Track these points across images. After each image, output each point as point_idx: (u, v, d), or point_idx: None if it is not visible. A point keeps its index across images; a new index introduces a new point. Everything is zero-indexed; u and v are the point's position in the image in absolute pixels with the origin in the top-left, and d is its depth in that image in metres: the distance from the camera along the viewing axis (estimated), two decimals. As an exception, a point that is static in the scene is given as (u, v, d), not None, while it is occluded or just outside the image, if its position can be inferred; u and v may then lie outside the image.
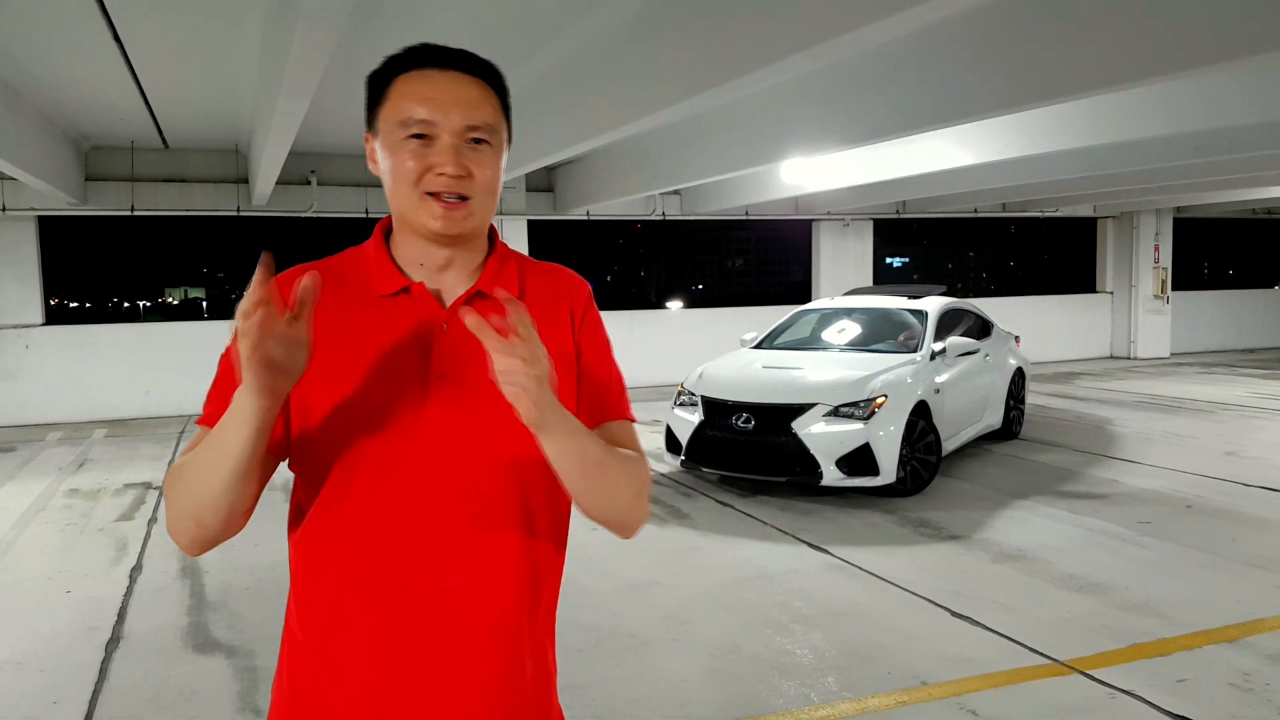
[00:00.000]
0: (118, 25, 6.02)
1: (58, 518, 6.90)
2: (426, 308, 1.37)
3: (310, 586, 1.37)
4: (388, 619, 1.32)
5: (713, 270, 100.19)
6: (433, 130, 1.32)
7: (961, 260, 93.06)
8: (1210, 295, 19.73)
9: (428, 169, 1.32)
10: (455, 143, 1.32)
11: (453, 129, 1.32)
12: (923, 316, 8.27)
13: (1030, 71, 5.19)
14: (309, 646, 1.36)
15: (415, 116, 1.32)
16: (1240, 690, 3.77)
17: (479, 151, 1.34)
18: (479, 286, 1.40)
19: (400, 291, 1.38)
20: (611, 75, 6.19)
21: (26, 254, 11.65)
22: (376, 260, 1.41)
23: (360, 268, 1.42)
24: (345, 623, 1.33)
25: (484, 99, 1.36)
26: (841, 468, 6.70)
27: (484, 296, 1.39)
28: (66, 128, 10.07)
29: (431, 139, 1.32)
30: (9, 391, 11.50)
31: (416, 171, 1.32)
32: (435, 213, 1.33)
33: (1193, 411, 10.96)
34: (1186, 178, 11.36)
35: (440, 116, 1.32)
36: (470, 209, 1.35)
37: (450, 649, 1.33)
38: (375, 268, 1.40)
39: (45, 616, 4.85)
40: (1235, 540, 5.82)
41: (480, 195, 1.36)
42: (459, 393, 1.34)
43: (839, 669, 4.06)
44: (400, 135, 1.33)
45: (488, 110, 1.36)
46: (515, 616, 1.38)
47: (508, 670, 1.38)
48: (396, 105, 1.33)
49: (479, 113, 1.34)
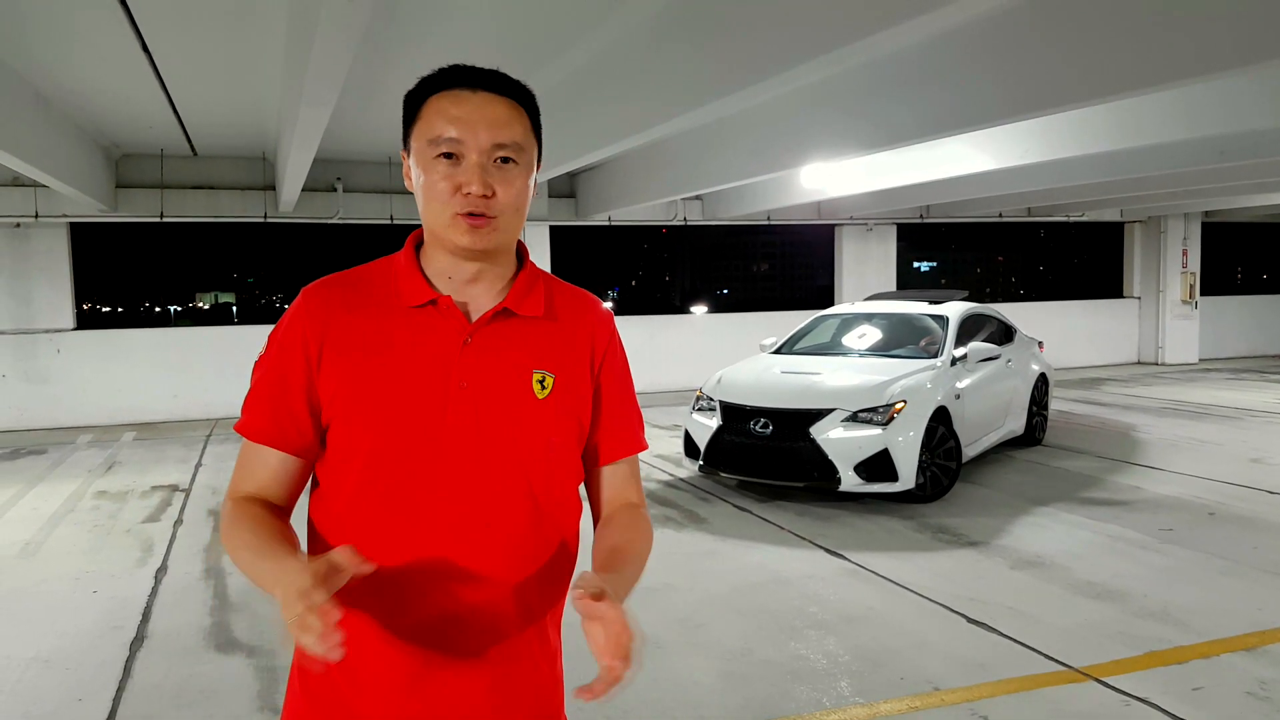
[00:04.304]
0: (146, 36, 6.14)
1: (86, 519, 7.03)
2: (453, 321, 1.42)
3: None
4: (403, 617, 1.37)
5: (737, 275, 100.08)
6: (461, 149, 1.36)
7: (989, 265, 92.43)
8: (1239, 300, 19.50)
9: (456, 188, 1.37)
10: (482, 161, 1.37)
11: (480, 148, 1.36)
12: (944, 322, 8.24)
13: (1048, 76, 5.18)
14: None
15: (445, 135, 1.36)
16: (1256, 699, 3.74)
17: (505, 170, 1.39)
18: (506, 304, 1.45)
19: (428, 304, 1.43)
20: (631, 81, 6.24)
21: (58, 259, 11.86)
22: (407, 272, 1.45)
23: (391, 278, 1.46)
24: (361, 621, 1.37)
25: (512, 118, 1.40)
26: (860, 473, 6.70)
27: (510, 314, 1.45)
28: (97, 136, 10.25)
29: (460, 158, 1.37)
30: (41, 394, 11.71)
31: (448, 190, 1.37)
32: (463, 230, 1.38)
33: (1219, 418, 10.84)
34: (1213, 182, 11.23)
35: (468, 135, 1.36)
36: (496, 225, 1.39)
37: (462, 648, 1.39)
38: (405, 279, 1.45)
39: (72, 615, 4.94)
40: (1257, 548, 5.76)
41: (506, 213, 1.40)
42: (478, 404, 1.39)
43: (852, 674, 4.06)
44: (431, 154, 1.38)
45: (516, 129, 1.40)
46: (526, 615, 1.44)
47: (518, 666, 1.44)
48: (428, 124, 1.38)
49: (507, 132, 1.38)
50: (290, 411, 1.40)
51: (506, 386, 1.41)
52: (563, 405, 1.45)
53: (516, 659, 1.43)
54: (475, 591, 1.38)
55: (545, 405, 1.42)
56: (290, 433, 1.40)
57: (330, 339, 1.40)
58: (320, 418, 1.40)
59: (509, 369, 1.42)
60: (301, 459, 1.43)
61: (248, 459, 1.45)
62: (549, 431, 1.43)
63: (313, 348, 1.40)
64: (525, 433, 1.41)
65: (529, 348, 1.44)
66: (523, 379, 1.42)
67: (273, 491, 1.43)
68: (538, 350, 1.45)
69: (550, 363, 1.45)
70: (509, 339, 1.43)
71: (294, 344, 1.41)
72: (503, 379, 1.41)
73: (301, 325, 1.41)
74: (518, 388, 1.41)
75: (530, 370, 1.43)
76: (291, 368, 1.41)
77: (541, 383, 1.43)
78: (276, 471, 1.42)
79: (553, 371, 1.44)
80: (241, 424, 1.44)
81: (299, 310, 1.44)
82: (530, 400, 1.42)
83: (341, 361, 1.39)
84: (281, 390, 1.41)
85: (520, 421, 1.40)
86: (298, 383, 1.40)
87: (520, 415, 1.41)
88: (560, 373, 1.45)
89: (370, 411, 1.37)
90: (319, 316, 1.42)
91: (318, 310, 1.43)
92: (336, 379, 1.39)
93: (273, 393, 1.41)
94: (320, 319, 1.41)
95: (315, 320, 1.41)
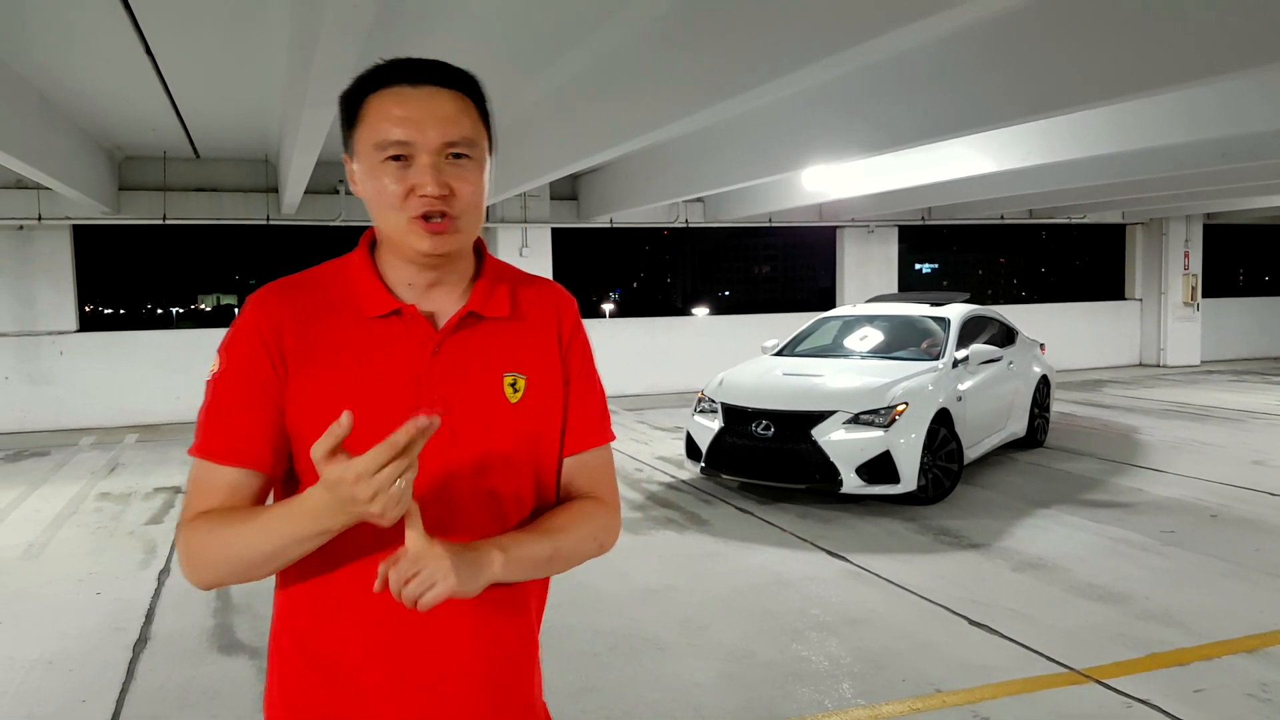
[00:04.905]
0: (149, 38, 6.15)
1: (89, 521, 7.04)
2: (419, 331, 1.36)
3: (298, 602, 1.37)
4: (375, 632, 1.33)
5: (739, 277, 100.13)
6: (410, 150, 1.29)
7: (991, 266, 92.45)
8: (1241, 302, 19.49)
9: (409, 191, 1.30)
10: (434, 161, 1.30)
11: (430, 147, 1.29)
12: (945, 324, 8.25)
13: (1051, 79, 5.18)
14: (299, 656, 1.38)
15: (391, 138, 1.29)
16: (1258, 701, 3.74)
17: (460, 167, 1.32)
18: (471, 308, 1.39)
19: (392, 314, 1.36)
20: (635, 83, 6.23)
21: (61, 262, 11.88)
22: (365, 279, 1.38)
23: (348, 285, 1.39)
24: (334, 635, 1.34)
25: (461, 112, 1.33)
26: (861, 475, 6.70)
27: (477, 317, 1.39)
28: (100, 138, 10.27)
29: (410, 159, 1.30)
30: (44, 396, 11.73)
31: (399, 195, 1.30)
32: (421, 235, 1.31)
33: (1221, 420, 10.83)
34: (1215, 184, 11.23)
35: (417, 135, 1.29)
36: (457, 227, 1.33)
37: (436, 664, 1.34)
38: (364, 287, 1.38)
39: (75, 617, 4.96)
40: (1259, 550, 5.76)
41: (465, 212, 1.34)
42: (451, 415, 1.32)
43: (854, 676, 4.07)
44: (379, 158, 1.30)
45: (465, 124, 1.33)
46: (502, 629, 1.39)
47: (493, 680, 1.39)
48: (372, 127, 1.31)
49: (456, 127, 1.31)
50: (261, 426, 1.31)
51: (479, 394, 1.36)
52: (536, 406, 1.40)
53: (495, 667, 1.38)
54: (458, 607, 1.31)
55: (519, 409, 1.38)
56: (262, 449, 1.31)
57: (291, 349, 1.32)
58: (286, 433, 1.33)
59: (480, 375, 1.37)
60: (270, 476, 1.33)
61: (206, 483, 1.32)
62: (525, 435, 1.38)
63: (276, 356, 1.32)
64: (501, 439, 1.36)
65: (498, 351, 1.39)
66: (494, 384, 1.37)
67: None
68: (507, 352, 1.40)
69: (520, 364, 1.40)
70: (477, 344, 1.38)
71: (256, 354, 1.32)
72: (474, 386, 1.36)
73: (262, 334, 1.32)
74: (490, 394, 1.36)
75: (501, 374, 1.38)
76: (257, 379, 1.31)
77: (513, 385, 1.38)
78: (242, 492, 1.31)
79: (524, 373, 1.40)
80: (201, 446, 1.32)
81: (255, 318, 1.34)
82: (504, 405, 1.37)
83: (304, 375, 1.32)
84: (248, 404, 1.31)
85: (495, 428, 1.36)
86: (268, 394, 1.31)
87: (494, 422, 1.36)
88: (531, 373, 1.40)
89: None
90: (277, 325, 1.33)
91: (275, 318, 1.34)
92: (302, 393, 1.31)
93: (238, 407, 1.31)
94: (278, 328, 1.33)
95: (274, 329, 1.33)
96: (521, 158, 8.76)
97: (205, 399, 1.34)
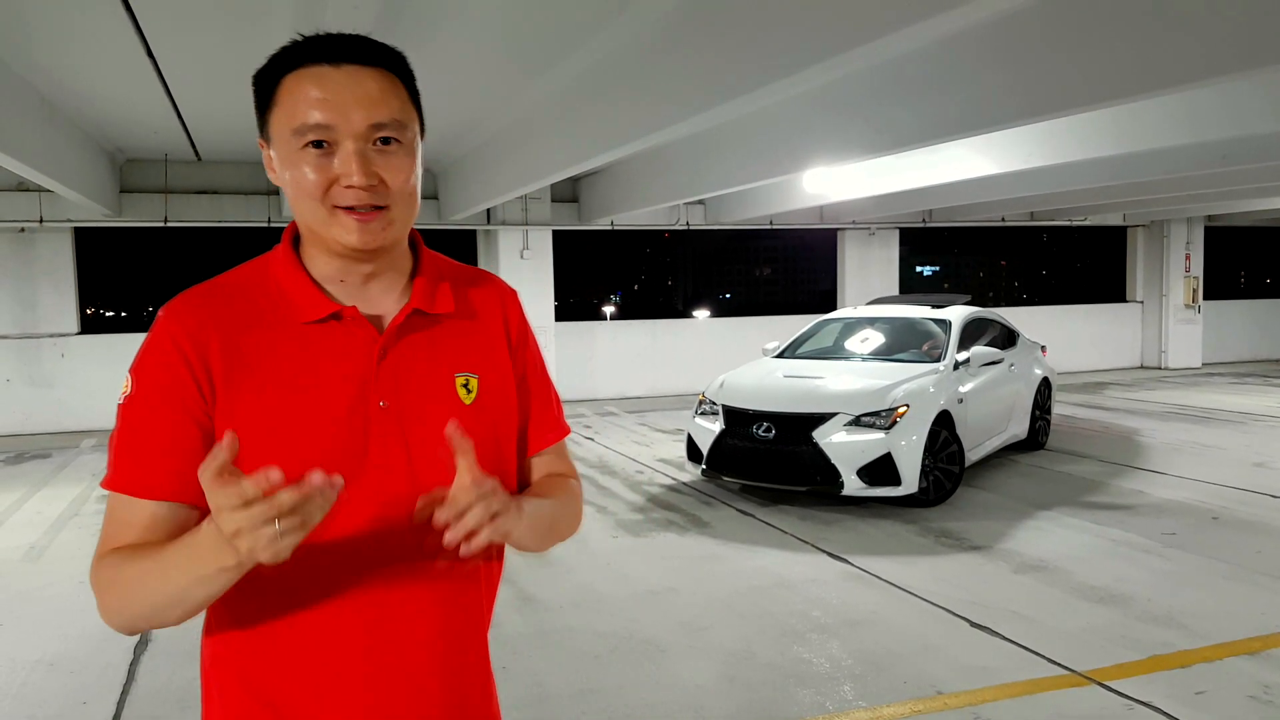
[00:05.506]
0: (150, 41, 6.16)
1: (90, 523, 7.04)
2: (361, 334, 1.25)
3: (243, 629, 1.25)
4: (328, 657, 1.23)
5: (740, 279, 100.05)
6: (332, 135, 1.17)
7: (993, 269, 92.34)
8: (1243, 304, 19.45)
9: (332, 181, 1.18)
10: (360, 147, 1.17)
11: (354, 132, 1.17)
12: (946, 326, 8.25)
13: (1052, 80, 5.18)
14: (244, 690, 1.26)
15: (309, 122, 1.16)
16: (1260, 703, 3.74)
17: (388, 154, 1.19)
18: (415, 305, 1.29)
19: (330, 317, 1.24)
20: (637, 84, 6.23)
21: (63, 264, 11.90)
22: (293, 281, 1.26)
23: (275, 288, 1.26)
24: (284, 667, 1.23)
25: (388, 91, 1.20)
26: (863, 477, 6.70)
27: (421, 315, 1.29)
28: (102, 141, 10.28)
29: (332, 145, 1.17)
30: (45, 399, 11.73)
31: (320, 185, 1.18)
32: (349, 227, 1.19)
33: (1222, 422, 10.83)
34: (1216, 186, 11.24)
35: (339, 119, 1.16)
36: (389, 218, 1.21)
37: (390, 685, 1.26)
38: (294, 289, 1.25)
39: (76, 619, 4.95)
40: (1260, 552, 5.76)
41: (398, 202, 1.22)
42: (404, 422, 1.24)
43: (855, 678, 4.07)
44: (297, 145, 1.18)
45: (394, 104, 1.20)
46: (457, 642, 1.31)
47: (450, 688, 1.31)
48: (288, 110, 1.18)
49: (384, 109, 1.18)
50: (182, 453, 1.16)
51: (430, 397, 1.26)
52: (491, 406, 1.32)
53: (450, 676, 1.31)
54: (403, 621, 1.25)
55: (473, 410, 1.29)
56: (184, 479, 1.14)
57: (218, 365, 1.19)
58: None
59: (430, 377, 1.27)
60: (197, 507, 1.16)
61: (120, 518, 1.19)
62: (482, 437, 1.23)
63: (201, 374, 1.18)
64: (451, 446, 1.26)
65: (447, 350, 1.30)
66: (446, 386, 1.28)
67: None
68: (456, 351, 1.31)
69: (471, 363, 1.31)
70: (425, 344, 1.28)
71: (177, 372, 1.18)
72: (425, 390, 1.26)
73: (182, 350, 1.18)
74: (442, 396, 1.27)
75: (453, 375, 1.29)
76: (179, 400, 1.18)
77: (466, 386, 1.30)
78: (163, 527, 1.17)
79: (475, 372, 1.31)
80: (114, 478, 1.18)
81: (170, 333, 1.20)
82: (458, 407, 1.27)
83: (236, 393, 1.18)
84: (168, 430, 1.17)
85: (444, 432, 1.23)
86: (191, 417, 1.18)
87: (444, 426, 1.21)
88: (483, 372, 1.32)
89: (282, 451, 1.15)
90: (199, 339, 1.19)
91: (196, 331, 1.19)
92: (235, 414, 1.17)
93: (155, 434, 1.18)
94: (201, 342, 1.19)
95: (196, 343, 1.19)
96: (523, 159, 8.76)
97: (116, 425, 1.21)
